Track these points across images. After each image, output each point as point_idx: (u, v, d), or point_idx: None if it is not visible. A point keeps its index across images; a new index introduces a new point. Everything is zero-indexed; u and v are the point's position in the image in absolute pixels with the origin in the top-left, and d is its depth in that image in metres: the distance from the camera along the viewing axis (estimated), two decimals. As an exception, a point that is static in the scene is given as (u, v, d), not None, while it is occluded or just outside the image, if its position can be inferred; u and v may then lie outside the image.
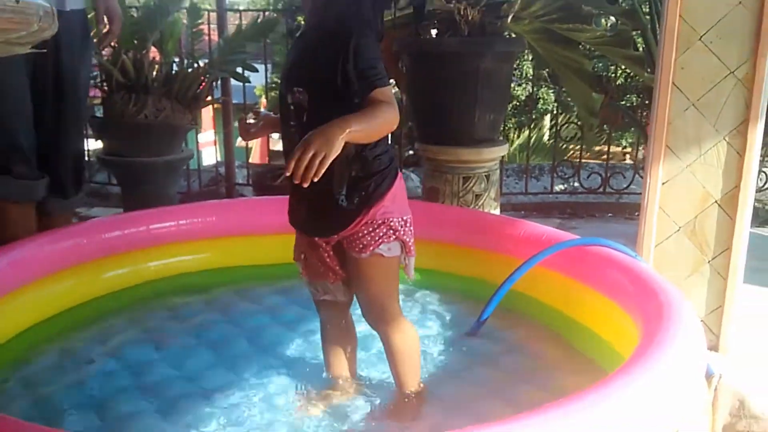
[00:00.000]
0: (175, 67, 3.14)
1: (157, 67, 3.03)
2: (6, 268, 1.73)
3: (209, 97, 3.31)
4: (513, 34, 2.86)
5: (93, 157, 3.36)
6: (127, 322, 1.95)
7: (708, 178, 1.84)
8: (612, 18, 3.38)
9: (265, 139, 4.14)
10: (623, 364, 1.20)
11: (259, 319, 1.98)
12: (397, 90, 3.44)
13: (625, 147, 6.55)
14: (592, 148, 4.70)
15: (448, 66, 2.60)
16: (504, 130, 3.34)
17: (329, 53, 1.31)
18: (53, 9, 1.66)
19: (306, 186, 1.16)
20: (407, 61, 2.83)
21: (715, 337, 1.89)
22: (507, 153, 3.01)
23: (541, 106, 6.65)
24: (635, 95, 4.68)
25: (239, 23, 3.35)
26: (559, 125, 4.45)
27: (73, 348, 1.79)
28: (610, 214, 3.60)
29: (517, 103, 6.73)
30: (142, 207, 2.42)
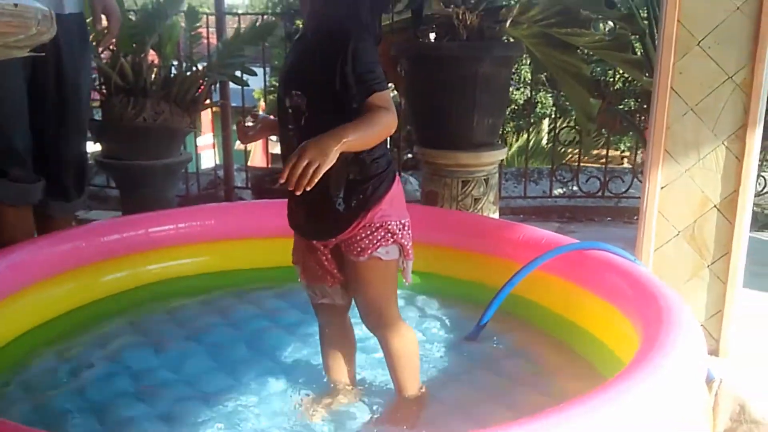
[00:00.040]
0: (173, 71, 3.14)
1: (155, 71, 3.03)
2: (5, 272, 1.72)
3: (208, 101, 3.30)
4: (511, 39, 2.86)
5: (92, 160, 3.35)
6: (126, 325, 1.95)
7: (707, 182, 1.84)
8: (610, 22, 3.39)
9: (265, 143, 4.15)
10: (624, 369, 1.20)
11: (259, 323, 1.97)
12: (395, 94, 3.44)
13: (624, 151, 6.57)
14: (590, 152, 4.71)
15: (447, 70, 2.60)
16: (502, 134, 3.34)
17: (327, 57, 1.31)
18: (51, 12, 1.66)
19: (300, 193, 1.19)
20: (406, 64, 2.83)
21: (715, 342, 1.89)
22: (505, 157, 3.01)
23: (539, 110, 6.66)
24: (633, 99, 4.69)
25: (238, 27, 3.35)
26: (557, 129, 4.47)
27: (73, 352, 1.78)
28: (609, 218, 3.60)
29: (516, 107, 6.73)
30: (140, 210, 2.42)
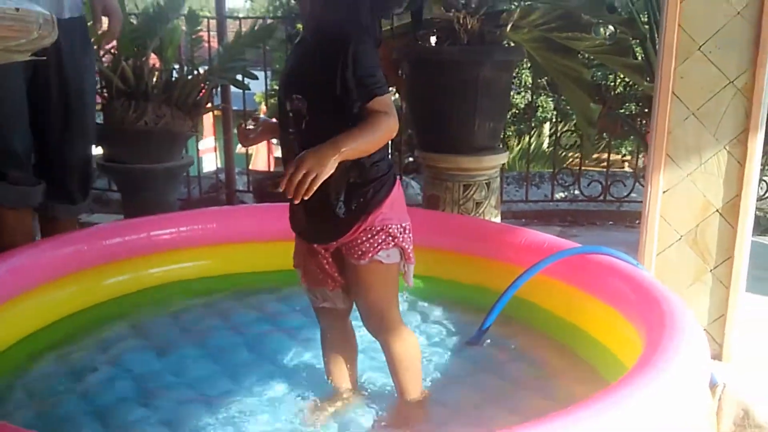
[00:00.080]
0: (174, 74, 3.14)
1: (157, 74, 3.03)
2: (7, 275, 1.72)
3: (209, 104, 3.31)
4: (512, 43, 2.87)
5: (93, 164, 3.35)
6: (128, 329, 1.95)
7: (709, 187, 1.85)
8: (611, 27, 3.40)
9: (269, 146, 4.15)
10: (627, 374, 1.20)
11: (261, 326, 1.97)
12: (396, 97, 3.45)
13: (625, 155, 6.58)
14: (590, 156, 4.72)
15: (448, 74, 2.61)
16: (503, 137, 3.34)
17: (328, 60, 1.31)
18: (53, 16, 1.66)
19: (298, 202, 1.20)
20: (407, 68, 2.83)
21: (718, 346, 1.89)
22: (507, 161, 3.01)
23: (540, 114, 6.67)
24: (634, 104, 4.69)
25: (238, 30, 3.35)
26: (558, 133, 4.47)
27: (74, 355, 1.78)
28: (610, 222, 3.59)
29: (516, 111, 6.74)
30: (142, 213, 2.42)
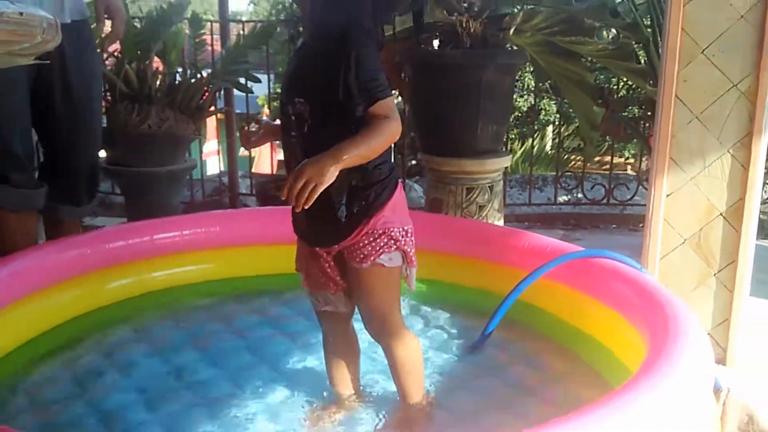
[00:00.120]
0: (178, 78, 3.14)
1: (160, 78, 3.04)
2: (10, 278, 1.73)
3: (212, 107, 3.31)
4: (515, 47, 2.87)
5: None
6: (131, 332, 1.95)
7: (712, 190, 1.84)
8: (614, 30, 3.40)
9: (272, 148, 4.15)
10: (631, 378, 1.19)
11: (264, 330, 1.97)
12: (399, 100, 3.45)
13: (628, 158, 6.57)
14: (593, 159, 4.72)
15: (451, 77, 2.61)
16: (506, 141, 3.35)
17: (330, 64, 1.30)
18: (57, 21, 1.66)
19: (299, 210, 1.22)
20: (410, 72, 2.84)
21: (723, 351, 1.88)
22: (510, 164, 3.01)
23: (543, 117, 6.67)
24: (637, 107, 4.69)
25: (241, 34, 3.36)
26: (561, 136, 4.47)
27: (77, 358, 1.78)
28: (614, 226, 3.59)
29: (519, 114, 6.74)
30: (145, 217, 2.41)
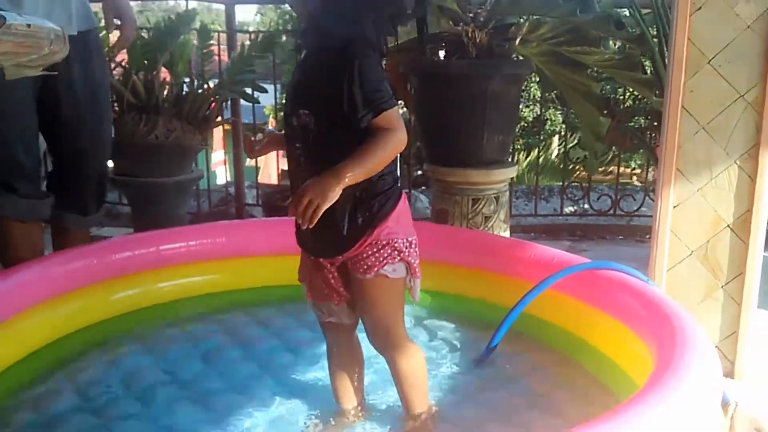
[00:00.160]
0: (185, 88, 3.16)
1: (167, 88, 3.06)
2: (15, 289, 1.73)
3: (219, 118, 3.33)
4: (521, 57, 2.87)
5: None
6: (136, 344, 1.94)
7: (719, 201, 1.83)
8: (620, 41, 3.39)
9: (277, 159, 4.16)
10: (638, 392, 1.18)
11: (269, 342, 1.96)
12: (405, 110, 3.45)
13: (634, 168, 6.55)
14: (596, 172, 4.68)
15: (456, 88, 2.61)
16: (512, 151, 3.34)
17: (333, 75, 1.30)
18: (64, 32, 1.68)
19: (305, 228, 1.24)
20: (415, 82, 2.84)
21: (730, 364, 1.86)
22: (516, 174, 3.00)
23: (548, 127, 6.67)
24: (644, 117, 4.68)
25: (244, 43, 3.37)
26: (567, 146, 4.45)
27: (82, 370, 1.78)
28: (620, 237, 3.56)
29: (525, 125, 6.75)
30: (152, 227, 2.42)
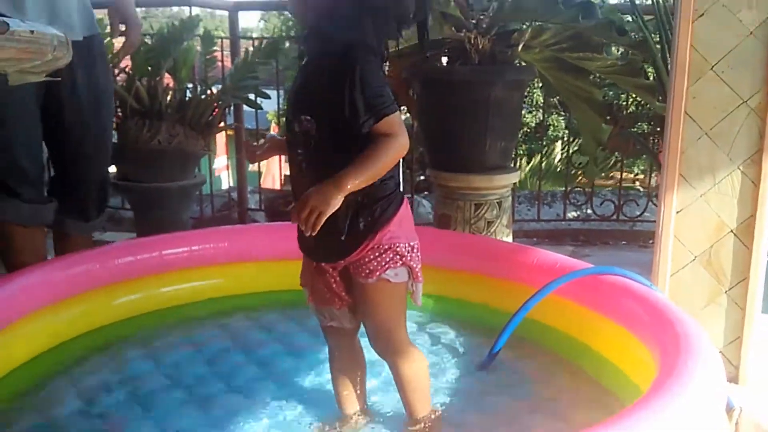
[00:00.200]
0: (188, 94, 3.17)
1: (170, 94, 3.06)
2: (18, 293, 1.73)
3: (222, 123, 3.34)
4: (523, 63, 2.88)
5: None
6: (138, 348, 1.95)
7: (723, 207, 1.83)
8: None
9: (280, 164, 4.17)
10: (641, 397, 1.18)
11: (271, 347, 1.96)
12: (408, 116, 3.46)
13: (637, 174, 6.55)
14: (596, 178, 4.68)
15: (459, 94, 2.62)
16: (515, 156, 3.35)
17: (334, 81, 1.30)
18: (68, 38, 1.69)
19: (308, 235, 1.25)
20: (418, 87, 2.85)
21: (735, 369, 1.86)
22: (518, 179, 3.00)
23: (551, 132, 6.67)
24: (647, 123, 4.69)
25: (247, 49, 3.38)
26: (570, 152, 4.46)
27: (85, 374, 1.78)
28: (623, 242, 3.55)
29: (528, 130, 6.75)
30: (155, 232, 2.43)
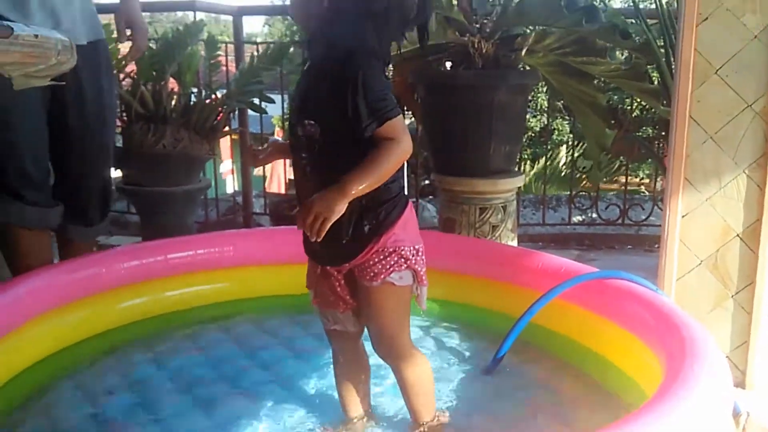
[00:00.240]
0: (193, 98, 3.18)
1: (175, 98, 3.07)
2: (24, 297, 1.74)
3: (227, 128, 3.35)
4: (527, 67, 2.88)
5: (113, 186, 3.38)
6: (143, 352, 1.95)
7: (728, 211, 1.82)
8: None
9: (284, 168, 4.18)
10: (647, 402, 1.17)
11: (276, 351, 1.97)
12: (412, 120, 3.46)
13: (642, 178, 6.54)
14: (600, 182, 4.68)
15: (463, 98, 2.62)
16: (519, 160, 3.34)
17: (337, 86, 1.31)
18: (72, 43, 1.69)
19: (313, 240, 1.25)
20: (422, 92, 2.85)
21: (741, 374, 1.85)
22: (523, 183, 3.00)
23: (555, 136, 6.67)
24: (651, 127, 4.68)
25: (252, 54, 3.39)
26: (575, 156, 4.45)
27: (90, 379, 1.79)
28: (629, 246, 3.54)
29: (532, 134, 6.75)
30: (160, 236, 2.43)
